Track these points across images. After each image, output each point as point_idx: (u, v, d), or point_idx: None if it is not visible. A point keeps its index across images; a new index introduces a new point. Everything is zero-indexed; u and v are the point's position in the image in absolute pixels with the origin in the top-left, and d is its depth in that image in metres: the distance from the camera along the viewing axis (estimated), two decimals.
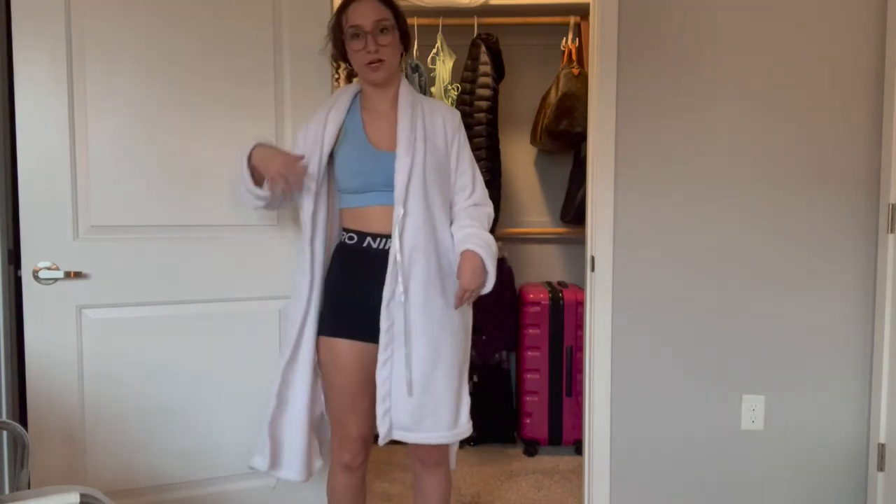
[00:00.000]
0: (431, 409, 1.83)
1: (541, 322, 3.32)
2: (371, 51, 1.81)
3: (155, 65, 2.01)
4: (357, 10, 1.82)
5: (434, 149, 1.89)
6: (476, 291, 1.87)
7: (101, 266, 1.99)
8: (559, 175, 3.68)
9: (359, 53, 1.83)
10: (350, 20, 1.83)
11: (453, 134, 1.94)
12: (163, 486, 2.09)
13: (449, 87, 3.33)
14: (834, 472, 2.42)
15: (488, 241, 1.89)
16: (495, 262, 1.90)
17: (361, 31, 1.81)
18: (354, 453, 1.92)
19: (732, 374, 2.41)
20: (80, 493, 1.31)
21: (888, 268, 2.29)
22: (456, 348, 1.87)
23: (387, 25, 1.82)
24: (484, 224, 1.94)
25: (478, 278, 1.85)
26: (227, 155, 2.09)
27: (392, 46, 1.85)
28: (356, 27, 1.81)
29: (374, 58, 1.81)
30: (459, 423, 1.88)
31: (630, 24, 2.34)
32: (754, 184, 2.36)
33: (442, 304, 1.85)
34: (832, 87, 2.34)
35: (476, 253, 1.85)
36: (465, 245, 1.87)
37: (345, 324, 1.88)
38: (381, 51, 1.81)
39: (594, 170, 2.38)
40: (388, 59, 1.84)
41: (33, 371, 1.94)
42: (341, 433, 1.92)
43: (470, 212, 1.93)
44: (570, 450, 3.36)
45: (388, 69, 1.86)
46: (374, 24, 1.80)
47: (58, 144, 1.93)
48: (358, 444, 1.92)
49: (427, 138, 1.88)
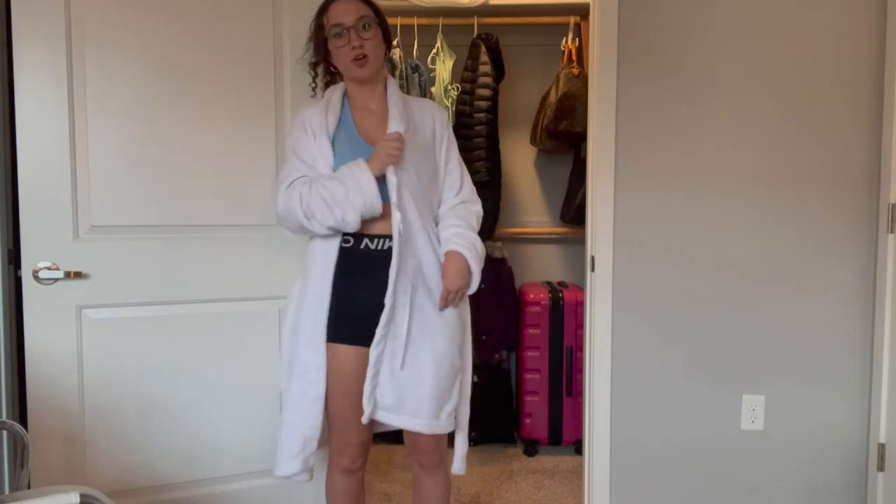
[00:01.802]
0: (414, 390, 1.81)
1: (541, 322, 3.32)
2: (355, 46, 1.81)
3: (155, 65, 2.01)
4: (338, 8, 1.83)
5: (423, 146, 1.89)
6: (461, 292, 1.87)
7: (100, 266, 1.99)
8: (559, 175, 3.68)
9: (343, 50, 1.83)
10: (332, 19, 1.83)
11: (442, 132, 1.95)
12: (163, 486, 2.09)
13: (449, 87, 3.33)
14: (834, 472, 2.42)
15: (473, 241, 1.89)
16: (481, 263, 1.90)
17: (344, 28, 1.81)
18: (354, 458, 1.92)
19: (732, 374, 2.41)
20: (80, 493, 1.31)
21: (888, 268, 2.29)
22: (451, 343, 1.86)
23: (369, 21, 1.83)
24: (472, 223, 1.94)
25: (461, 279, 1.85)
26: (227, 155, 2.09)
27: (375, 41, 1.85)
28: (339, 25, 1.82)
29: (360, 53, 1.81)
30: (441, 417, 1.85)
31: (630, 23, 2.34)
32: (755, 183, 2.36)
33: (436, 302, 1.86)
34: (832, 86, 2.34)
35: (460, 254, 1.86)
36: (448, 245, 1.87)
37: (346, 329, 1.86)
38: (365, 45, 1.82)
39: (594, 170, 2.38)
40: (372, 55, 1.84)
41: (33, 371, 1.94)
42: (341, 438, 1.90)
43: (458, 210, 1.94)
44: (570, 450, 3.36)
45: (373, 65, 1.86)
46: (357, 20, 1.81)
47: (58, 144, 1.93)
48: (358, 449, 1.92)
49: (417, 132, 1.89)
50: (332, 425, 1.92)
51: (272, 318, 2.17)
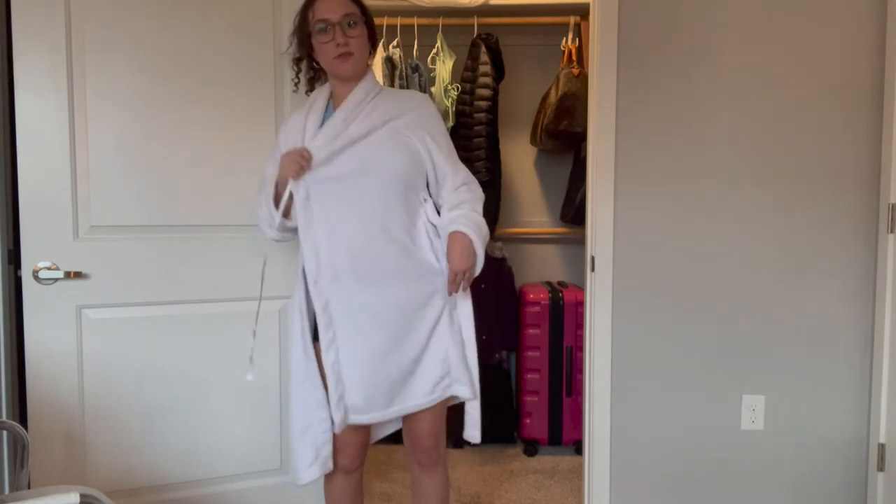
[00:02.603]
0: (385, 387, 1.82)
1: (541, 322, 3.32)
2: (340, 43, 1.78)
3: (155, 65, 2.01)
4: (324, 4, 1.80)
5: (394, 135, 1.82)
6: (469, 273, 1.83)
7: (100, 266, 1.99)
8: (559, 175, 3.68)
9: (327, 46, 1.80)
10: (317, 14, 1.81)
11: (420, 121, 1.87)
12: (163, 486, 2.10)
13: (449, 87, 3.33)
14: (834, 472, 2.42)
15: (478, 222, 1.84)
16: (485, 244, 1.84)
17: (329, 24, 1.78)
18: (352, 458, 1.92)
19: (732, 374, 2.41)
20: (80, 494, 1.31)
21: (888, 268, 2.29)
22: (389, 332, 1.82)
23: (355, 19, 1.81)
24: (474, 206, 1.88)
25: (468, 259, 1.80)
26: (227, 155, 2.09)
27: (360, 39, 1.83)
28: (324, 21, 1.79)
29: (344, 50, 1.79)
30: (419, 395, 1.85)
31: (630, 24, 2.34)
32: (755, 183, 2.36)
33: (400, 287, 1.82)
34: (833, 87, 2.34)
35: (464, 233, 1.81)
36: (451, 227, 1.82)
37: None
38: (350, 43, 1.79)
39: (594, 170, 2.38)
40: (357, 53, 1.82)
41: (33, 371, 1.94)
42: (340, 438, 1.89)
43: (461, 193, 1.87)
44: (570, 450, 3.36)
45: (357, 62, 1.82)
46: (343, 17, 1.79)
47: (58, 144, 1.93)
48: (356, 448, 1.92)
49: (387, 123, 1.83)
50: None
51: (272, 318, 2.17)
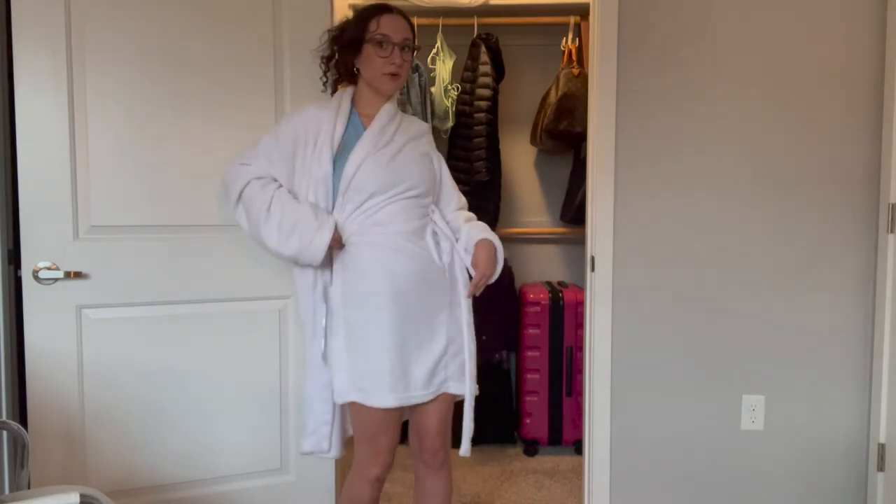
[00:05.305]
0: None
1: (541, 322, 3.32)
2: (396, 63, 1.88)
3: (155, 65, 2.01)
4: (391, 21, 1.89)
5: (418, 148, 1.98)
6: (489, 278, 1.99)
7: (100, 266, 1.99)
8: (559, 175, 3.68)
9: (382, 60, 1.87)
10: (382, 27, 1.87)
11: (433, 147, 2.06)
12: (163, 486, 2.09)
13: (449, 87, 3.33)
14: (834, 472, 2.42)
15: (493, 233, 2.03)
16: (502, 253, 2.02)
17: (389, 41, 1.86)
18: (386, 466, 1.88)
19: (732, 374, 2.41)
20: (80, 493, 1.31)
21: (888, 268, 2.29)
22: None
23: (409, 45, 1.92)
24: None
25: (493, 265, 1.98)
26: (227, 155, 2.09)
27: (407, 65, 1.94)
28: (386, 36, 1.86)
29: (397, 70, 1.89)
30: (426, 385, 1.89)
31: (630, 23, 2.34)
32: (755, 184, 2.36)
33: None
34: (833, 86, 2.34)
35: (491, 241, 1.99)
36: (479, 235, 1.98)
37: None
38: (403, 66, 1.90)
39: (594, 170, 2.38)
40: (403, 76, 1.94)
41: (33, 371, 1.94)
42: (373, 447, 1.85)
43: (466, 213, 2.08)
44: (570, 450, 3.36)
45: (401, 84, 1.97)
46: (403, 40, 1.89)
47: (58, 144, 1.93)
48: (390, 456, 1.88)
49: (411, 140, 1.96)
50: (362, 435, 1.87)
51: (272, 318, 2.17)
